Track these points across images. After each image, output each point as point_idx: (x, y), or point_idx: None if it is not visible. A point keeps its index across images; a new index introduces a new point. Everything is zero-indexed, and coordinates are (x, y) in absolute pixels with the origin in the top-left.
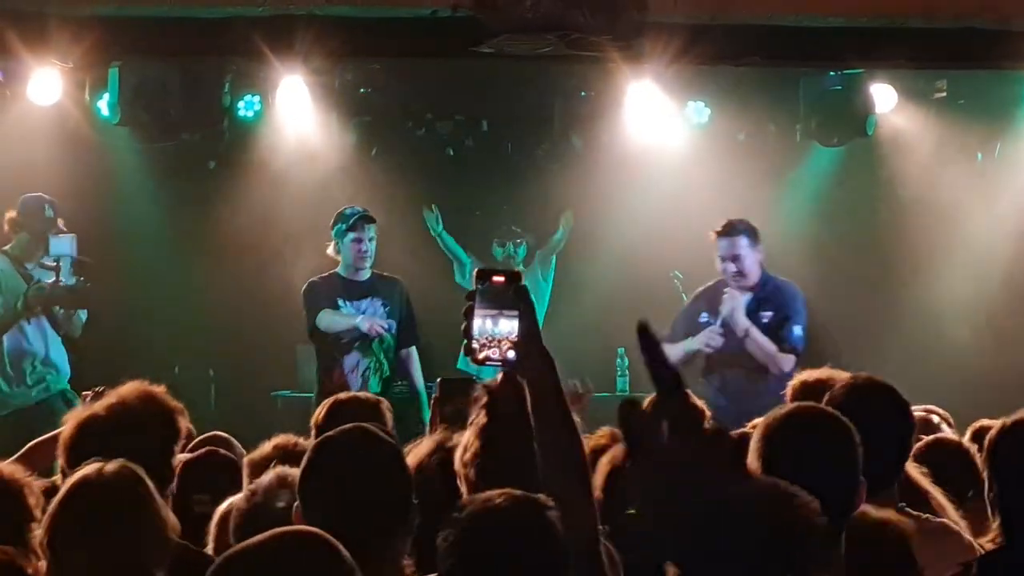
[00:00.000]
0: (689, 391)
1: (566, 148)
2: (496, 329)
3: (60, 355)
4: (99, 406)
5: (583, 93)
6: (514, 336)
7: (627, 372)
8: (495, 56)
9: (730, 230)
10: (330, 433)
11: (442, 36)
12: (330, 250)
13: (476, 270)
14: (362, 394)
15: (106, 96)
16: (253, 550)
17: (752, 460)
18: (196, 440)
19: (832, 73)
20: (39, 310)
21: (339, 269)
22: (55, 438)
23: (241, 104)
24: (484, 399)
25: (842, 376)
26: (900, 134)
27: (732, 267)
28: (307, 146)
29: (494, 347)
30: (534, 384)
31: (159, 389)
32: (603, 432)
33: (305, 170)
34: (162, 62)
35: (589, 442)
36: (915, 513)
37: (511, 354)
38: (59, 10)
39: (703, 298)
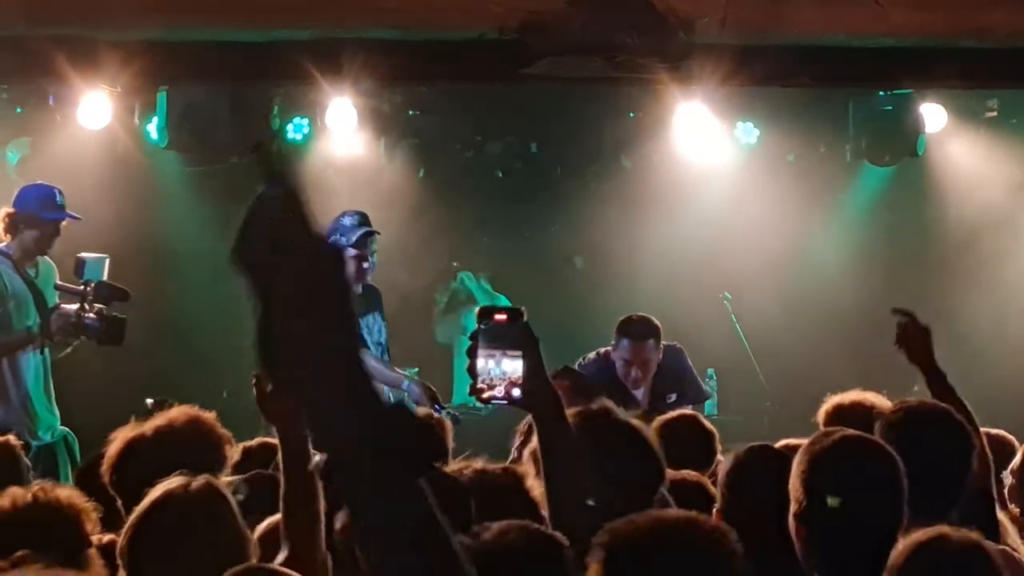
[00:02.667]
0: None
1: (616, 169)
2: (500, 368)
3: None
4: (148, 427)
5: (632, 114)
6: (518, 374)
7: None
8: (543, 78)
9: (640, 333)
10: None
11: (490, 59)
12: None
13: (478, 309)
14: (425, 414)
15: (155, 120)
16: None
17: (795, 485)
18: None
19: (882, 93)
20: (53, 341)
21: None
22: None
23: (290, 127)
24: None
25: (875, 398)
26: (950, 154)
27: (637, 373)
28: (355, 168)
29: (499, 385)
30: (541, 421)
31: (209, 416)
32: None
33: (353, 193)
34: (211, 86)
35: None
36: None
37: (516, 392)
38: (108, 35)
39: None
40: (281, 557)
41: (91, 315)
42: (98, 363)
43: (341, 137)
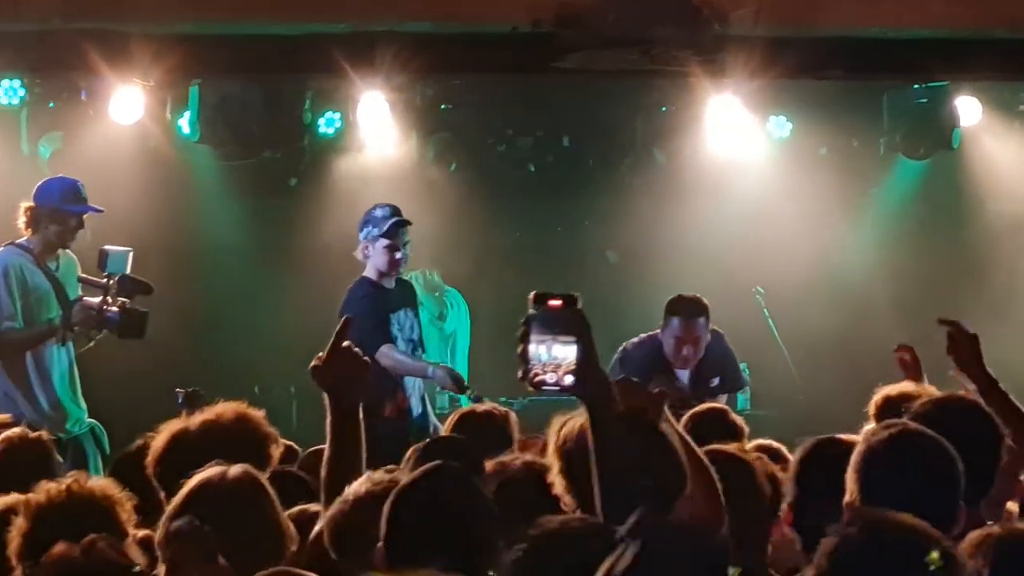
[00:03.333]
0: None
1: (648, 163)
2: (553, 354)
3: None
4: (194, 421)
5: (664, 108)
6: (571, 361)
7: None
8: (576, 72)
9: (691, 311)
10: (413, 476)
11: (523, 52)
12: (357, 252)
13: (532, 293)
14: (490, 406)
15: (187, 114)
16: None
17: (851, 481)
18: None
19: (916, 86)
20: (75, 332)
21: (369, 274)
22: None
23: (322, 121)
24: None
25: (926, 390)
26: (985, 148)
27: (689, 351)
28: (387, 163)
29: (551, 372)
30: (593, 408)
31: (256, 413)
32: None
33: (385, 186)
34: (243, 80)
35: None
36: None
37: (568, 379)
38: (141, 28)
39: (638, 364)
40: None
41: (113, 308)
42: (127, 357)
43: (373, 131)
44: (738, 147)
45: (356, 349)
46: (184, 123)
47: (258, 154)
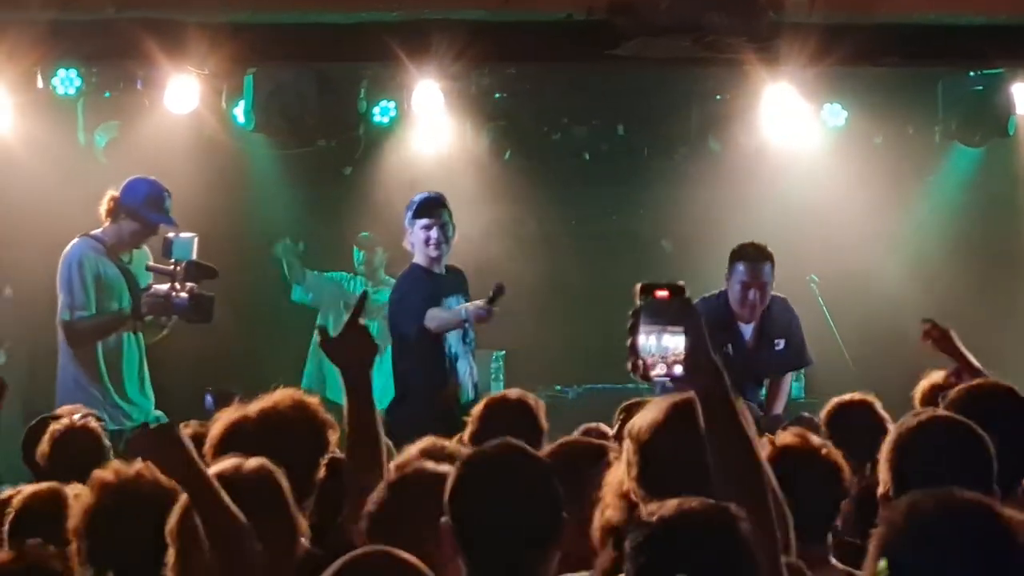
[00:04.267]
0: None
1: (703, 151)
2: (662, 344)
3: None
4: (251, 409)
5: (718, 96)
6: (680, 351)
7: (801, 377)
8: (631, 59)
9: (756, 256)
10: (479, 451)
11: (577, 40)
12: (404, 242)
13: (639, 285)
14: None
15: (242, 103)
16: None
17: (883, 472)
18: None
19: (971, 73)
20: (145, 321)
21: (418, 260)
22: None
23: (376, 110)
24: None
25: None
26: None
27: (755, 295)
28: (441, 151)
29: (661, 363)
30: (705, 398)
31: (313, 400)
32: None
33: (439, 175)
34: (298, 68)
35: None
36: None
37: (678, 369)
38: (196, 17)
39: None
40: None
41: (182, 294)
42: (183, 345)
43: (427, 120)
44: (793, 135)
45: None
46: (239, 112)
47: (313, 143)
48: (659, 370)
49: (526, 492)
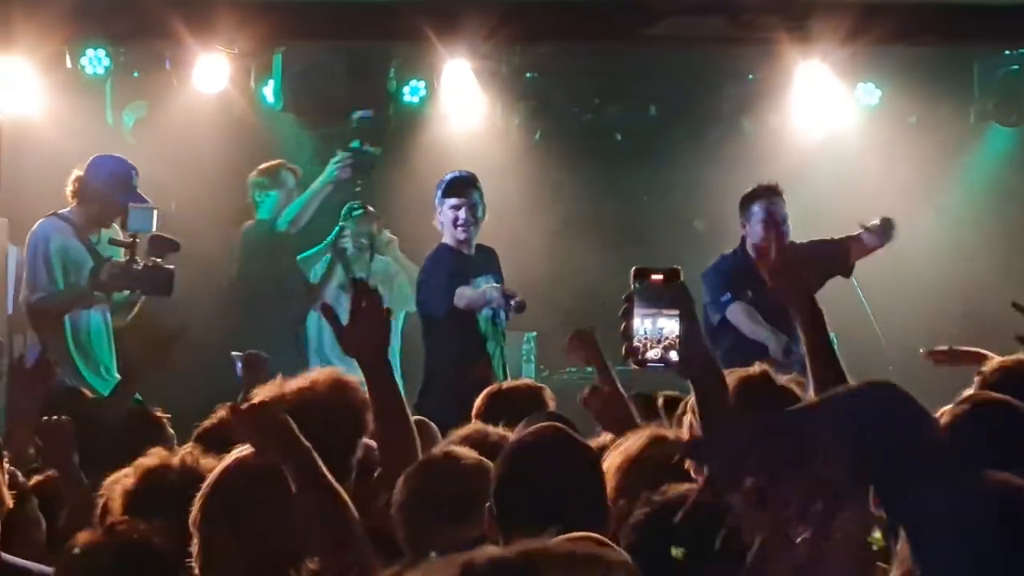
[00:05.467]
0: None
1: (736, 132)
2: (656, 329)
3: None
4: (289, 389)
5: (751, 76)
6: (675, 335)
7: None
8: (664, 39)
9: (771, 192)
10: (525, 436)
11: (611, 19)
12: (434, 220)
13: (634, 268)
14: (523, 381)
15: (271, 83)
16: None
17: None
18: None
19: (1008, 52)
20: (103, 293)
21: (447, 240)
22: None
23: (406, 89)
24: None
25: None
26: None
27: (777, 230)
28: (471, 131)
29: (655, 347)
30: (698, 383)
31: (352, 379)
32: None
33: (470, 155)
34: (327, 48)
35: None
36: None
37: (672, 354)
38: None
39: (725, 278)
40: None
41: (138, 267)
42: (213, 326)
43: (458, 100)
44: (826, 115)
45: (374, 298)
46: (268, 91)
47: (343, 122)
48: (653, 355)
49: (570, 478)
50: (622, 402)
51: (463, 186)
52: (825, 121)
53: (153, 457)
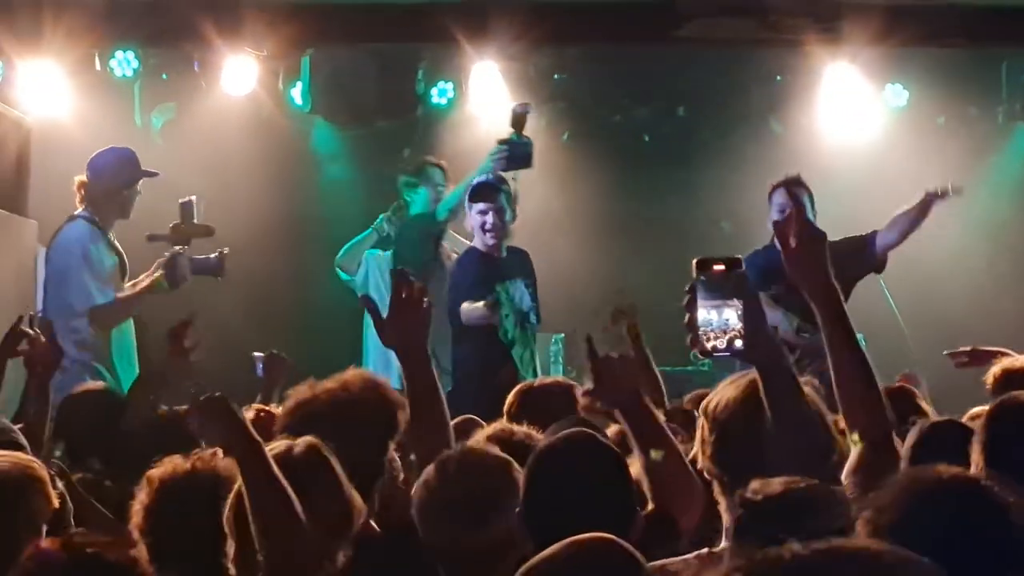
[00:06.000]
0: None
1: (764, 133)
2: (721, 319)
3: None
4: (321, 390)
5: (779, 77)
6: (739, 325)
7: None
8: (693, 40)
9: (793, 182)
10: (553, 441)
11: (639, 21)
12: (465, 223)
13: (696, 260)
14: (554, 379)
15: (299, 85)
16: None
17: (975, 453)
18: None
19: None
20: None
21: (476, 244)
22: None
23: (435, 91)
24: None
25: None
26: None
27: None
28: (499, 133)
29: (720, 338)
30: (765, 372)
31: (384, 380)
32: None
33: None
34: (355, 49)
35: None
36: None
37: (738, 343)
38: None
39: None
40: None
41: (199, 255)
42: (241, 325)
43: (486, 101)
44: (855, 116)
45: (414, 291)
46: (296, 94)
47: (371, 124)
48: (720, 344)
49: (598, 483)
50: (653, 376)
51: (489, 191)
52: (853, 122)
53: (166, 466)
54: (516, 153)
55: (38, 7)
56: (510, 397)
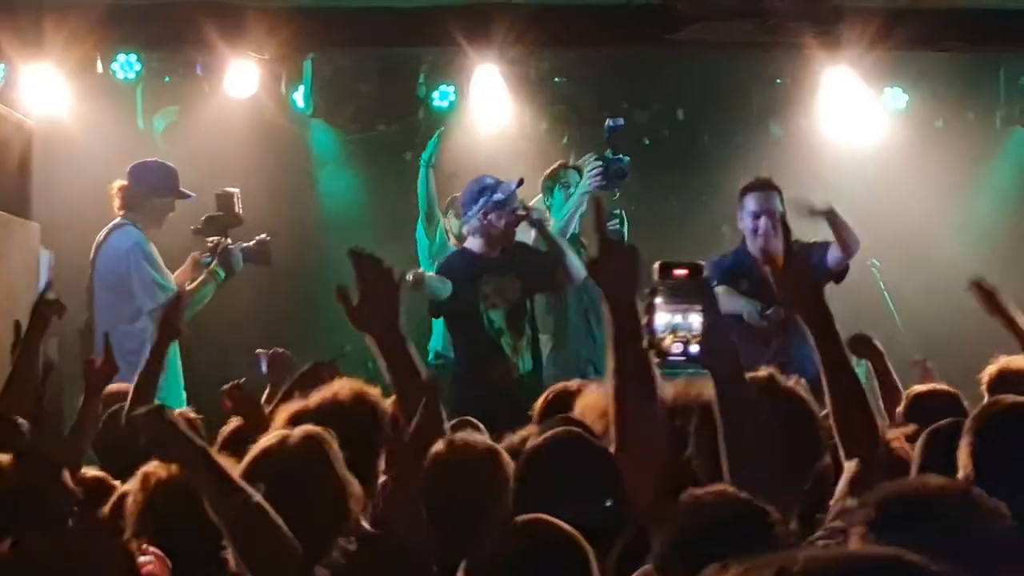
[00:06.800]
0: None
1: (764, 136)
2: (679, 323)
3: None
4: (312, 400)
5: (779, 80)
6: (697, 329)
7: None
8: (692, 44)
9: (765, 185)
10: (541, 441)
11: (639, 24)
12: (465, 228)
13: (657, 263)
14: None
15: (301, 88)
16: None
17: (963, 456)
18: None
19: None
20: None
21: (470, 245)
22: None
23: (436, 94)
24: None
25: None
26: None
27: (766, 223)
28: (500, 135)
29: (678, 341)
30: (720, 377)
31: (373, 391)
32: None
33: (497, 159)
34: (357, 53)
35: None
36: None
37: (694, 348)
38: (256, 2)
39: (723, 272)
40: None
41: (241, 244)
42: (241, 327)
43: (487, 104)
44: (854, 119)
45: (379, 269)
46: (299, 97)
47: (373, 127)
48: (676, 349)
49: (587, 482)
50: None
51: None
52: (853, 125)
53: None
54: (612, 169)
55: (40, 10)
56: (544, 397)
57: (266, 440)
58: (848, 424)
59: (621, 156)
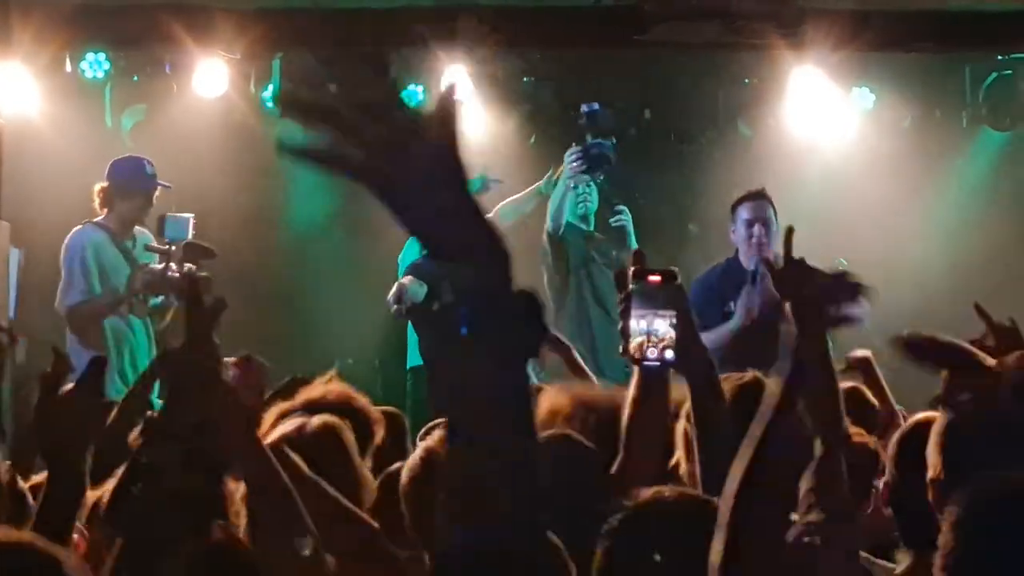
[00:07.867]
0: None
1: (730, 135)
2: (653, 328)
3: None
4: (298, 401)
5: (746, 80)
6: (671, 336)
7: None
8: (658, 44)
9: (758, 195)
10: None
11: (606, 24)
12: None
13: (632, 269)
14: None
15: (271, 87)
16: None
17: (933, 455)
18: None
19: (1000, 57)
20: (142, 298)
21: None
22: None
23: (404, 94)
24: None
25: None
26: None
27: (760, 230)
28: (469, 135)
29: (652, 347)
30: (693, 383)
31: (361, 395)
32: None
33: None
34: (326, 52)
35: None
36: None
37: (669, 354)
38: (224, 2)
39: (715, 284)
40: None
41: (173, 273)
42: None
43: (455, 103)
44: (822, 119)
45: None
46: (268, 96)
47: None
48: (650, 354)
49: (578, 485)
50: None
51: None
52: (821, 125)
53: None
54: (592, 154)
55: (6, 8)
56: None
57: (284, 428)
58: (816, 412)
59: (602, 141)
